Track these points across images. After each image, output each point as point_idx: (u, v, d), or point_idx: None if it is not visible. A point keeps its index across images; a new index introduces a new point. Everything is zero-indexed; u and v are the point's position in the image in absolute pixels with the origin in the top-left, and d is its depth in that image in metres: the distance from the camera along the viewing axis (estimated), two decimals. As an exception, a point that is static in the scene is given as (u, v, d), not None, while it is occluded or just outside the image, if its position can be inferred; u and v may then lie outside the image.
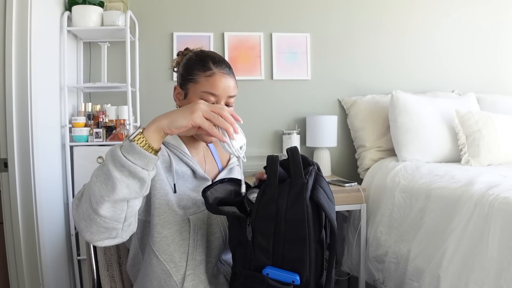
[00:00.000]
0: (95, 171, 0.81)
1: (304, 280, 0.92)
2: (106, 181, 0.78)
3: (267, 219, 0.92)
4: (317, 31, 2.58)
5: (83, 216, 0.81)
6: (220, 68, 1.07)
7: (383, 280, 1.93)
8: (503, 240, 1.29)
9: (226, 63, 1.11)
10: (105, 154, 0.81)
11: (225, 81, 1.07)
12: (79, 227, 0.83)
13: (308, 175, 0.94)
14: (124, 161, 0.78)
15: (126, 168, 0.78)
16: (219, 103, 1.06)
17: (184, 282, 1.01)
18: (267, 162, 0.95)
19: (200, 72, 1.06)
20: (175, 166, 1.05)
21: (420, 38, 2.69)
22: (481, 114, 2.19)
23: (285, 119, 2.57)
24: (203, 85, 1.06)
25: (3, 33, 1.71)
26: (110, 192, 0.77)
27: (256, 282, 0.93)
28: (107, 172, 0.78)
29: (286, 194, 0.91)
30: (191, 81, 1.08)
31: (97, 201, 0.78)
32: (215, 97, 1.06)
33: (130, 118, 2.12)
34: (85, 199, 0.80)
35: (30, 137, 1.76)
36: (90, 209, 0.79)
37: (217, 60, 1.09)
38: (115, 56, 2.37)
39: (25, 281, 1.77)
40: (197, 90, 1.06)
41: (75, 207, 0.82)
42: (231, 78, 1.09)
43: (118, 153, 0.78)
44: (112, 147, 0.80)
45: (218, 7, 2.50)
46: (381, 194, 2.07)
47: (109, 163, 0.78)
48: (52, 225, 1.95)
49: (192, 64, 1.09)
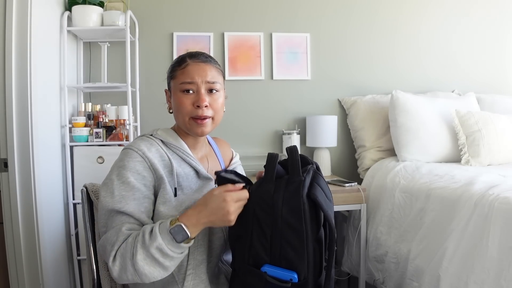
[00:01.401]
0: (142, 256, 0.92)
1: (302, 278, 0.92)
2: (156, 267, 0.92)
3: (265, 212, 0.93)
4: (317, 31, 2.58)
5: (127, 281, 0.94)
6: (194, 59, 1.10)
7: (383, 280, 1.93)
8: (503, 240, 1.29)
9: (204, 55, 1.12)
10: (152, 247, 0.92)
11: (199, 68, 1.08)
12: (121, 281, 0.95)
13: (306, 173, 0.95)
14: (170, 253, 0.92)
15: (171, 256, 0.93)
16: (199, 90, 1.07)
17: (185, 282, 1.02)
18: (267, 158, 0.97)
19: (177, 68, 1.10)
20: (178, 168, 1.06)
21: (420, 38, 2.69)
22: (481, 114, 2.19)
23: (285, 119, 2.57)
24: (179, 78, 1.08)
25: (3, 33, 1.71)
26: (164, 273, 0.94)
27: (254, 278, 0.93)
28: (162, 264, 0.92)
29: (282, 190, 0.93)
30: (171, 79, 1.11)
31: (149, 279, 0.93)
32: (193, 85, 1.07)
33: (130, 118, 2.12)
34: (128, 274, 0.92)
35: (30, 137, 1.76)
36: (138, 279, 0.92)
37: (193, 54, 1.11)
38: (115, 56, 2.37)
39: (25, 281, 1.77)
40: (176, 84, 1.09)
41: (118, 277, 0.93)
42: (208, 65, 1.10)
43: (169, 253, 0.92)
44: (161, 244, 0.91)
45: (218, 7, 2.50)
46: (381, 194, 2.07)
47: (158, 255, 0.91)
48: (52, 225, 1.95)
49: (173, 64, 1.13)
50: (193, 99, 1.06)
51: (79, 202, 2.01)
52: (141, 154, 1.02)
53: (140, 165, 1.01)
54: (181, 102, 1.06)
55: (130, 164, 1.01)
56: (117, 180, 0.99)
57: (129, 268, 0.91)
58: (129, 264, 0.91)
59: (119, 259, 0.91)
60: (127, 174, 0.99)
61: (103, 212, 0.98)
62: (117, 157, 1.07)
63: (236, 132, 2.51)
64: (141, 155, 1.02)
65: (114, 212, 0.97)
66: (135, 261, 0.90)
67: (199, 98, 1.06)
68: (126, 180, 0.99)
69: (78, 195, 2.09)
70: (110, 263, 0.92)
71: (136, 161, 1.01)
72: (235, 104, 2.46)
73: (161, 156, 1.05)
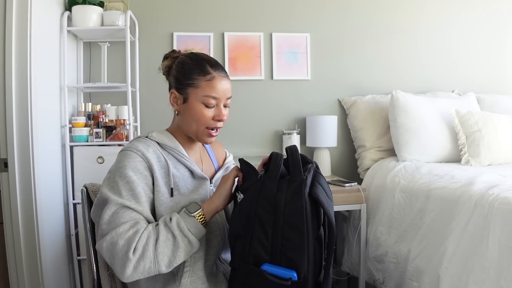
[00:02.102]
0: (163, 247, 0.96)
1: (302, 277, 0.93)
2: (173, 249, 0.97)
3: (267, 211, 0.94)
4: (317, 31, 2.58)
5: (142, 272, 0.95)
6: (218, 72, 1.10)
7: (383, 280, 1.93)
8: (503, 240, 1.29)
9: (222, 66, 1.14)
10: (175, 230, 0.99)
11: (224, 84, 1.10)
12: (133, 279, 0.95)
13: (307, 172, 0.96)
14: (191, 237, 0.99)
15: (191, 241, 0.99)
16: (219, 105, 1.10)
17: (182, 279, 1.04)
18: (272, 157, 0.99)
19: (200, 77, 1.08)
20: (173, 169, 1.08)
21: (420, 38, 2.69)
22: (481, 114, 2.19)
23: (285, 119, 2.57)
24: (204, 89, 1.08)
25: (3, 33, 1.71)
26: (179, 259, 0.98)
27: (254, 277, 0.94)
28: (178, 244, 0.98)
29: (285, 190, 0.94)
30: (191, 86, 1.09)
31: (166, 265, 0.96)
32: (216, 100, 1.09)
33: (130, 118, 2.12)
34: (146, 262, 0.94)
35: (30, 137, 1.76)
36: (154, 268, 0.95)
37: (213, 64, 1.11)
38: (115, 56, 2.37)
39: (25, 281, 1.77)
40: (198, 95, 1.08)
41: (133, 269, 0.94)
42: (228, 81, 1.13)
43: (185, 230, 0.99)
44: (182, 226, 0.99)
45: (218, 7, 2.50)
46: (381, 194, 2.07)
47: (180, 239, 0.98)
48: (52, 225, 1.95)
49: (190, 68, 1.10)
50: (214, 112, 1.10)
51: (79, 202, 2.01)
52: (140, 155, 1.04)
53: (141, 165, 1.03)
54: (202, 115, 1.09)
55: (131, 164, 1.02)
56: (121, 180, 1.00)
57: (149, 255, 0.94)
58: (150, 249, 0.94)
59: (140, 248, 0.94)
60: (130, 173, 1.01)
61: (110, 209, 0.98)
62: (116, 158, 1.07)
63: (236, 132, 2.51)
64: (140, 155, 1.04)
65: (123, 207, 0.98)
66: (157, 245, 0.95)
67: (220, 113, 1.10)
68: (130, 179, 1.00)
69: (78, 195, 2.09)
70: (129, 255, 0.92)
71: (137, 161, 1.03)
72: (235, 104, 2.45)
73: (158, 157, 1.07)
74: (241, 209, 0.98)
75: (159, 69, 1.19)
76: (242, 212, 0.97)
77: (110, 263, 0.96)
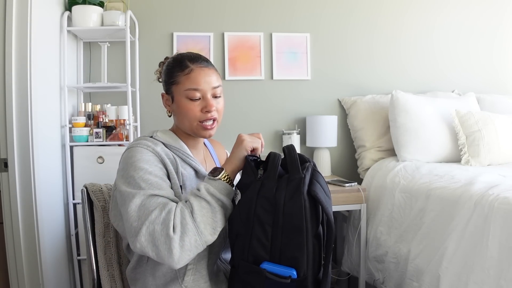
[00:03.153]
0: (199, 213, 0.95)
1: (301, 275, 0.93)
2: (211, 215, 0.96)
3: (266, 211, 0.94)
4: (317, 31, 2.58)
5: (189, 249, 0.92)
6: (197, 63, 1.09)
7: (383, 280, 1.93)
8: (503, 240, 1.29)
9: (203, 58, 1.13)
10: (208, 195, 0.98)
11: (204, 74, 1.09)
12: (184, 260, 0.92)
13: (305, 170, 0.97)
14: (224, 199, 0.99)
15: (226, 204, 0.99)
16: (205, 96, 1.09)
17: (185, 276, 1.04)
18: (270, 156, 1.00)
19: (179, 73, 1.09)
20: (181, 168, 1.08)
21: (420, 38, 2.69)
22: (481, 114, 2.19)
23: (285, 119, 2.57)
24: (184, 84, 1.08)
25: (3, 33, 1.71)
26: (220, 223, 0.97)
27: (254, 275, 0.94)
28: (214, 209, 0.97)
29: (284, 189, 0.95)
30: (173, 84, 1.10)
31: (210, 233, 0.95)
32: (200, 92, 1.08)
33: (130, 118, 2.12)
34: (190, 235, 0.92)
35: (30, 137, 1.76)
36: (200, 240, 0.93)
37: (193, 57, 1.11)
38: (115, 56, 2.37)
39: (25, 281, 1.77)
40: (180, 90, 1.09)
41: (180, 248, 0.90)
42: (211, 70, 1.11)
43: (216, 193, 0.98)
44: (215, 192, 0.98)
45: (218, 7, 2.50)
46: (381, 194, 2.07)
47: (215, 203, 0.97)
48: (52, 225, 1.95)
49: (171, 67, 1.12)
50: (201, 105, 1.08)
51: (79, 202, 2.01)
52: (151, 150, 1.04)
53: (153, 158, 1.03)
54: (189, 109, 1.08)
55: (144, 157, 1.01)
56: (137, 174, 0.98)
57: (190, 227, 0.92)
58: (189, 222, 0.92)
59: (179, 225, 0.91)
60: (145, 166, 1.00)
61: (134, 204, 0.94)
62: (120, 158, 1.07)
63: (236, 132, 2.47)
64: (151, 150, 1.04)
65: (149, 196, 0.95)
66: (194, 215, 0.93)
67: (207, 103, 1.08)
68: (147, 170, 0.99)
69: (78, 195, 2.09)
70: (170, 234, 0.89)
71: (148, 155, 1.02)
72: (235, 104, 2.46)
73: (167, 154, 1.07)
74: (240, 208, 0.98)
75: (156, 78, 1.22)
76: (241, 212, 0.97)
77: (156, 255, 0.91)
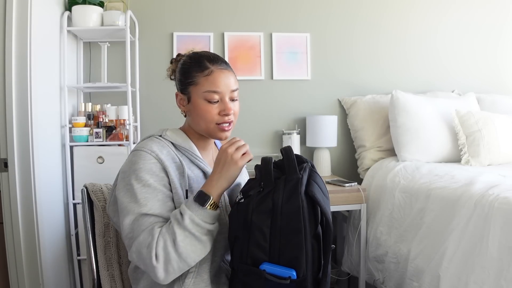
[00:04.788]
0: (183, 241, 0.95)
1: (301, 275, 0.93)
2: (196, 244, 0.96)
3: (264, 214, 0.94)
4: (317, 31, 2.58)
5: (174, 272, 0.96)
6: (217, 65, 1.08)
7: (383, 280, 1.93)
8: (503, 240, 1.29)
9: (222, 59, 1.11)
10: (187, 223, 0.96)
11: (224, 76, 1.07)
12: (171, 279, 0.97)
13: (302, 171, 0.97)
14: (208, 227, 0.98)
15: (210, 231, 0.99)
16: (224, 99, 1.07)
17: (186, 279, 1.02)
18: (261, 162, 0.99)
19: (198, 73, 1.07)
20: (188, 170, 1.06)
21: (420, 38, 2.69)
22: (481, 114, 2.19)
23: (285, 119, 2.57)
24: (203, 85, 1.06)
25: (3, 33, 1.71)
26: (208, 244, 0.99)
27: (253, 277, 0.94)
28: (199, 239, 0.96)
29: (281, 189, 0.95)
30: (191, 84, 1.08)
31: (194, 260, 0.97)
32: (218, 94, 1.07)
33: (130, 118, 2.12)
34: (173, 263, 0.94)
35: (30, 137, 1.76)
36: (184, 266, 0.96)
37: (212, 58, 1.09)
38: (115, 56, 2.37)
39: (25, 281, 1.77)
40: (199, 91, 1.07)
41: (165, 272, 0.94)
42: (230, 72, 1.10)
43: (202, 224, 0.96)
44: (194, 219, 0.96)
45: (218, 7, 2.50)
46: (381, 194, 2.07)
47: (196, 232, 0.96)
48: (52, 225, 1.95)
49: (188, 67, 1.09)
50: (219, 108, 1.07)
51: (79, 202, 2.00)
52: (155, 156, 1.02)
53: (156, 166, 1.02)
54: (207, 111, 1.06)
55: (146, 166, 1.01)
56: (137, 183, 0.99)
57: (172, 256, 0.93)
58: (171, 251, 0.93)
59: (161, 252, 0.93)
60: (146, 177, 0.99)
61: (128, 219, 0.98)
62: (125, 158, 1.06)
63: (236, 132, 2.47)
64: (154, 157, 1.02)
65: (141, 215, 0.97)
66: (177, 246, 0.93)
67: (225, 107, 1.07)
68: (147, 183, 0.99)
69: (78, 195, 2.09)
70: (153, 263, 0.93)
71: (151, 163, 1.01)
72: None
73: (173, 158, 1.05)
74: (239, 211, 0.98)
75: (167, 75, 1.19)
76: (240, 215, 0.97)
77: (145, 271, 0.99)
